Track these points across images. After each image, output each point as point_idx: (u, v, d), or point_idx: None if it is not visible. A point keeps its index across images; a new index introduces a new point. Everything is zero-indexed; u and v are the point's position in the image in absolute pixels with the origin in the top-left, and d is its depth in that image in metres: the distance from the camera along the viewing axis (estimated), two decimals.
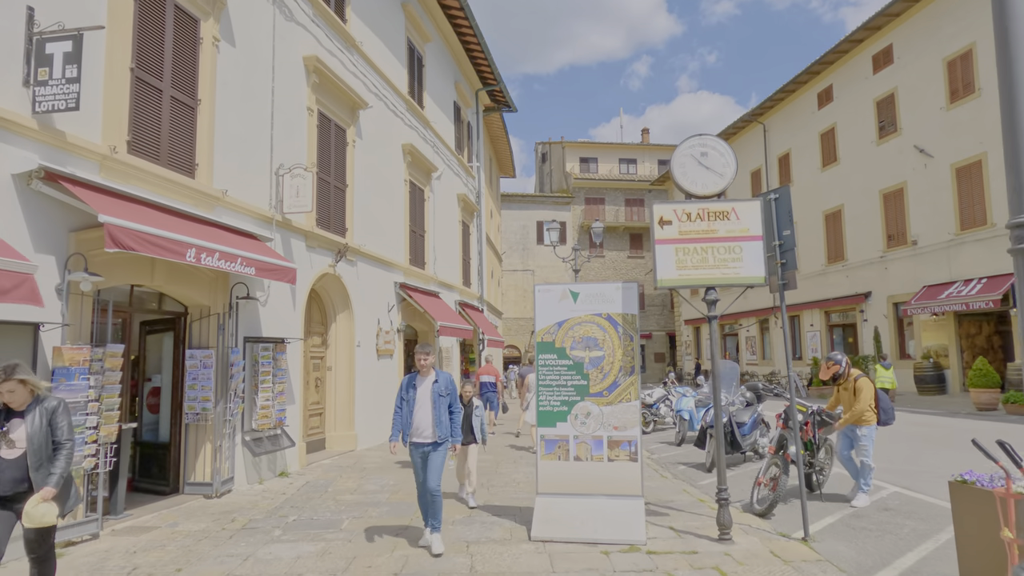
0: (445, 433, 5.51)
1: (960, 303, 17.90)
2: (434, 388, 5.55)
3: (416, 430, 5.50)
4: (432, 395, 5.52)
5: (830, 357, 7.18)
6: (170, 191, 7.04)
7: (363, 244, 11.74)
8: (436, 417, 5.48)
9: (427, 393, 5.54)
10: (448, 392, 5.59)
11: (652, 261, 5.79)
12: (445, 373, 5.67)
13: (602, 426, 5.91)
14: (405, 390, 5.59)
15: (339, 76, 10.83)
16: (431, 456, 5.47)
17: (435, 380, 5.59)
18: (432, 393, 5.52)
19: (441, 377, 5.62)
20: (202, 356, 7.62)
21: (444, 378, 5.63)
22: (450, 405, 5.60)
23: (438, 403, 5.50)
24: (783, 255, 5.74)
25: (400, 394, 5.62)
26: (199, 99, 7.61)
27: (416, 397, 5.52)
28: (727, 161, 5.83)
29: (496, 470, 9.36)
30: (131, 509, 6.79)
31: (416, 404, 5.51)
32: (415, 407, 5.51)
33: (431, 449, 5.47)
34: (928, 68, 20.31)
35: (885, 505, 6.73)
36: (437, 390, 5.54)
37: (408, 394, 5.56)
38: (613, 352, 6.00)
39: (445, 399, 5.56)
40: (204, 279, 7.71)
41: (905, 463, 9.00)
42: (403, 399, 5.58)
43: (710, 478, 8.75)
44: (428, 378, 5.60)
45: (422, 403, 5.50)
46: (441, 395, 5.54)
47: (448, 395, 5.58)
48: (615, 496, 5.78)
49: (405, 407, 5.55)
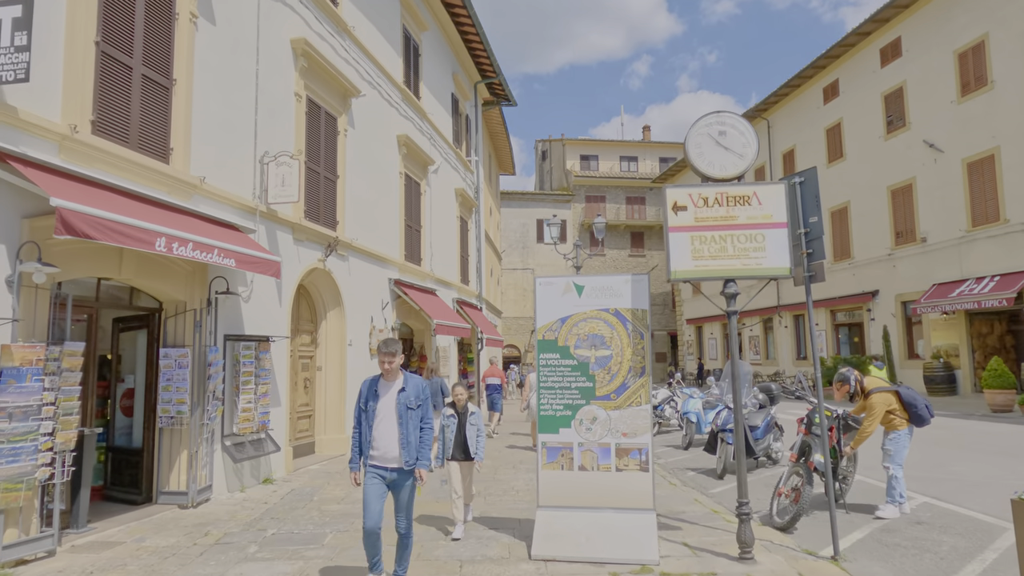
0: (414, 456, 4.38)
1: (972, 301, 17.38)
2: (400, 398, 4.34)
3: (377, 450, 4.33)
4: (398, 407, 4.33)
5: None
6: (141, 177, 6.50)
7: (355, 238, 11.21)
8: (403, 436, 4.31)
9: (391, 404, 4.36)
10: (419, 403, 4.42)
11: (665, 250, 5.25)
12: (416, 378, 4.50)
13: (609, 432, 5.38)
14: (365, 399, 4.40)
15: (329, 61, 10.29)
16: (398, 487, 4.34)
17: (402, 388, 4.37)
18: (398, 404, 4.34)
19: (410, 383, 4.42)
20: (177, 355, 7.08)
21: (414, 385, 4.44)
22: (421, 420, 4.45)
23: (405, 418, 4.32)
24: (809, 244, 5.21)
25: (359, 403, 4.44)
26: (174, 79, 7.07)
27: (378, 408, 4.36)
28: (748, 140, 5.30)
29: (494, 476, 8.82)
30: (97, 522, 6.26)
31: (377, 417, 4.34)
32: (375, 421, 4.34)
33: (397, 478, 4.33)
34: (938, 61, 19.78)
35: (916, 518, 6.20)
36: (404, 400, 4.34)
37: (369, 404, 4.39)
38: (621, 351, 5.46)
39: (415, 412, 4.37)
40: (180, 273, 7.17)
41: (929, 469, 8.46)
42: (362, 410, 4.40)
43: (722, 486, 8.22)
44: (394, 384, 4.41)
45: (385, 416, 4.34)
46: (410, 407, 4.35)
47: (419, 407, 4.41)
48: (624, 510, 5.24)
49: (365, 421, 4.38)
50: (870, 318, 22.72)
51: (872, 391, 6.42)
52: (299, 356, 10.20)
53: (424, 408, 4.44)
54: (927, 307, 18.85)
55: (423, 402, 4.44)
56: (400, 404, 4.34)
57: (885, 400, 6.36)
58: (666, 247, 5.21)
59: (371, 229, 12.02)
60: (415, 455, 4.36)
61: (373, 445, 4.34)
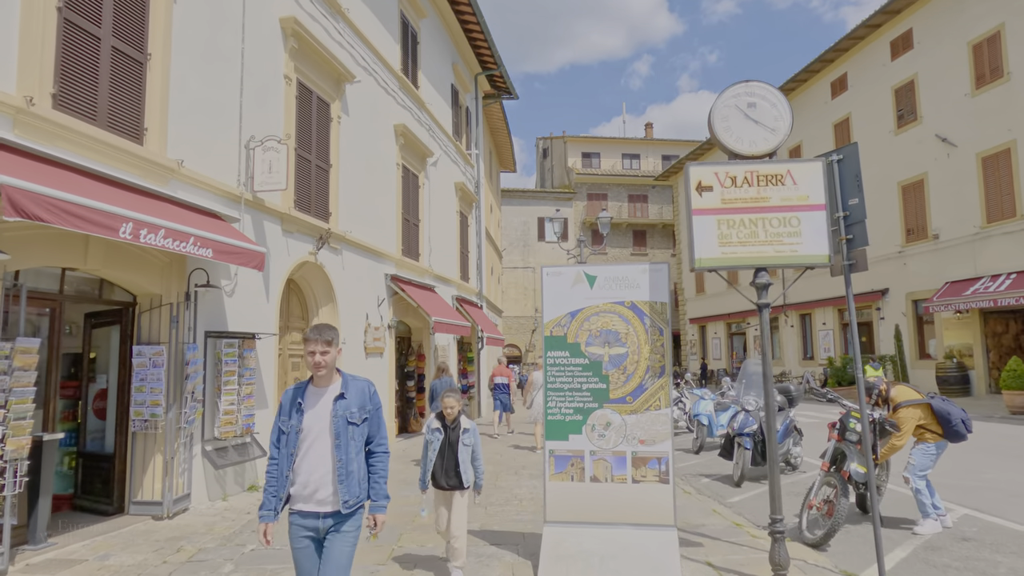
0: (357, 493, 3.01)
1: (987, 300, 16.83)
2: (337, 409, 3.01)
3: (303, 487, 2.99)
4: (333, 422, 2.99)
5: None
6: (111, 158, 5.94)
7: (349, 231, 10.64)
8: (341, 464, 2.97)
9: (323, 418, 3.00)
10: (366, 415, 3.09)
11: (688, 236, 4.70)
12: (361, 381, 3.17)
13: (625, 439, 4.82)
14: (287, 413, 3.05)
15: (322, 43, 9.72)
16: (332, 542, 2.99)
17: (340, 395, 3.04)
18: (334, 418, 2.99)
19: (352, 388, 3.09)
20: (152, 353, 6.52)
21: (358, 390, 3.11)
22: (369, 439, 3.12)
23: (345, 437, 2.99)
24: (849, 229, 4.65)
25: (277, 421, 3.08)
26: (149, 53, 6.51)
27: (304, 426, 2.99)
28: (780, 112, 4.74)
29: (495, 483, 8.27)
30: (59, 536, 5.70)
31: (302, 440, 2.99)
32: (299, 445, 2.99)
33: (331, 526, 2.99)
34: (951, 52, 19.24)
35: (961, 533, 5.64)
36: (343, 412, 3.01)
37: (292, 421, 3.01)
38: (638, 349, 4.91)
39: (359, 429, 3.04)
40: (155, 263, 6.61)
41: (960, 476, 7.91)
42: (282, 431, 3.04)
43: (740, 494, 7.66)
44: (328, 390, 3.06)
45: (315, 437, 2.99)
46: (352, 421, 3.01)
47: (366, 420, 3.09)
48: (642, 526, 4.69)
49: (286, 446, 3.01)
50: (879, 317, 22.18)
51: (900, 404, 5.85)
52: (289, 355, 9.64)
53: (374, 422, 3.13)
54: (940, 306, 18.30)
55: (371, 414, 3.11)
56: (337, 418, 2.99)
57: (914, 416, 5.79)
58: (688, 232, 4.65)
59: (366, 222, 11.47)
60: (360, 492, 3.02)
61: (297, 480, 2.99)
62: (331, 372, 3.08)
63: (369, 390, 3.15)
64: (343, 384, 3.09)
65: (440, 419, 4.68)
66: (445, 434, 4.62)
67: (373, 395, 3.17)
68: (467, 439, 4.61)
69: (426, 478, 4.61)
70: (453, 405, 4.63)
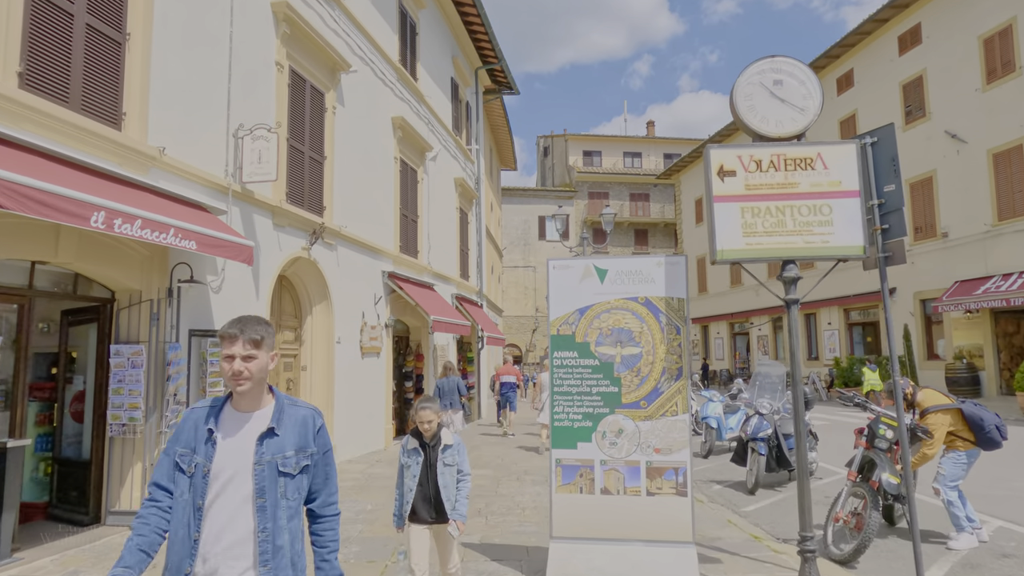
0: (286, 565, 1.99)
1: (999, 299, 16.43)
2: (264, 449, 1.99)
3: (201, 566, 1.93)
4: (256, 471, 1.97)
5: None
6: (85, 143, 5.54)
7: (344, 226, 10.24)
8: (264, 538, 1.96)
9: (243, 460, 1.98)
10: (307, 462, 2.07)
11: (708, 225, 4.29)
12: (304, 407, 2.14)
13: (639, 448, 4.42)
14: (189, 441, 2.01)
15: (316, 30, 9.32)
16: None
17: (269, 429, 2.01)
18: (257, 465, 1.97)
19: (289, 418, 2.07)
20: (130, 353, 6.12)
21: (297, 422, 2.08)
22: (311, 496, 2.14)
23: (274, 493, 1.98)
24: (885, 218, 4.25)
25: (167, 452, 2.04)
26: (128, 33, 6.11)
27: (213, 470, 1.96)
28: (809, 90, 4.34)
29: (496, 489, 7.87)
30: (29, 549, 5.30)
31: (210, 489, 1.95)
32: (205, 498, 1.94)
33: None
34: (961, 47, 18.84)
35: (1000, 548, 5.24)
36: (272, 454, 2.00)
37: (196, 458, 1.98)
38: (653, 349, 4.51)
39: (297, 482, 2.04)
40: (134, 257, 6.20)
41: (987, 485, 7.50)
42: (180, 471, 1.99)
43: (755, 502, 7.26)
44: (253, 417, 2.04)
45: (221, 486, 1.96)
46: (285, 471, 2.01)
47: (306, 471, 2.08)
48: (658, 543, 4.29)
49: (181, 496, 1.96)
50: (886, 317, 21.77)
51: (928, 410, 5.44)
52: (281, 355, 9.23)
53: (319, 472, 2.12)
54: (949, 305, 17.92)
55: (316, 459, 2.10)
56: (262, 464, 1.96)
57: (944, 422, 5.38)
58: (708, 221, 4.26)
59: (363, 217, 11.06)
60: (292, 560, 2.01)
61: (200, 552, 1.92)
62: (259, 389, 2.03)
63: (314, 423, 2.10)
64: (276, 411, 2.03)
65: (417, 436, 3.75)
66: (425, 455, 3.69)
67: (320, 431, 2.11)
68: (449, 457, 3.68)
69: (403, 512, 3.66)
70: (431, 419, 3.65)
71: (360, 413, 10.46)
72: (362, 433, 10.46)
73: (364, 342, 10.88)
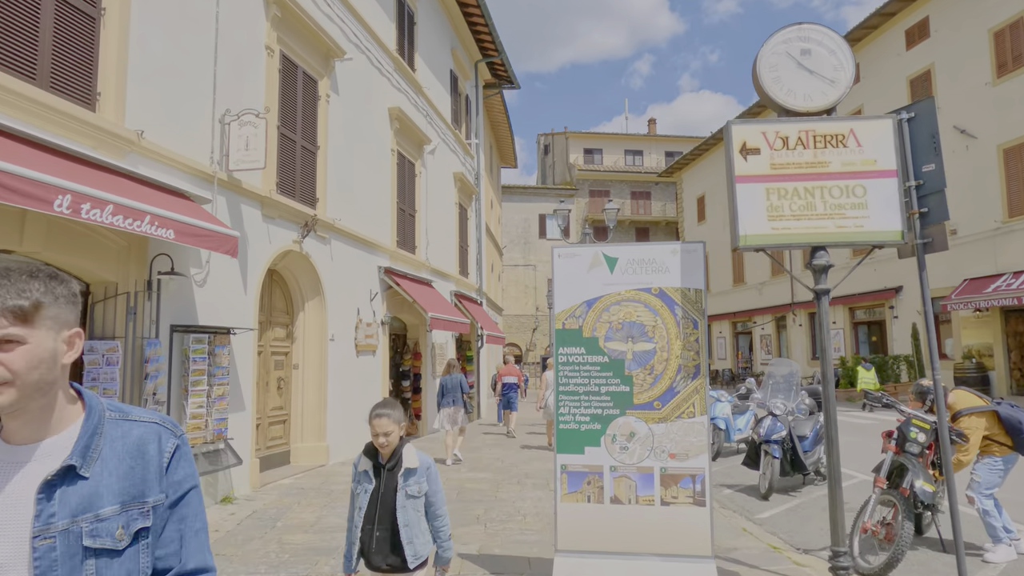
0: None
1: (1010, 297, 16.06)
2: (55, 510, 1.03)
3: None
4: (39, 546, 1.01)
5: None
6: (54, 124, 5.16)
7: (338, 219, 9.85)
8: None
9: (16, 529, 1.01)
10: (144, 522, 1.11)
11: (730, 209, 3.91)
12: (146, 423, 1.17)
13: (652, 453, 4.04)
14: None
15: (308, 14, 8.93)
16: None
17: (67, 468, 1.06)
18: (43, 531, 1.02)
19: (111, 443, 1.12)
20: (105, 349, 5.73)
21: (131, 450, 1.13)
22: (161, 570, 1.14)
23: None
24: (923, 201, 3.87)
25: None
26: (103, 8, 5.72)
27: None
28: (840, 61, 3.96)
29: (495, 494, 7.48)
30: None
31: None
32: None
33: None
34: (971, 40, 18.46)
35: None
36: (76, 512, 1.05)
37: None
38: (668, 344, 4.12)
39: (125, 560, 1.08)
40: (109, 247, 5.81)
41: (1018, 490, 7.11)
42: None
43: (770, 508, 6.88)
44: (34, 453, 1.07)
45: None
46: (97, 544, 1.05)
47: (142, 535, 1.11)
48: (673, 557, 3.90)
49: None
50: (893, 316, 21.40)
51: (961, 412, 5.07)
52: (271, 352, 8.86)
53: (171, 529, 1.16)
54: (958, 303, 17.55)
55: (166, 511, 1.16)
56: (53, 537, 1.03)
57: (979, 425, 5.00)
58: (731, 204, 3.87)
59: (358, 210, 10.67)
60: None
61: None
62: (43, 402, 1.08)
63: (160, 449, 1.17)
64: (83, 435, 1.10)
65: (371, 455, 2.76)
66: (378, 481, 2.71)
67: (175, 461, 1.19)
68: (412, 486, 2.69)
69: (352, 553, 2.75)
70: (389, 430, 2.65)
71: (355, 414, 10.08)
72: (356, 435, 10.07)
73: (359, 340, 10.49)
